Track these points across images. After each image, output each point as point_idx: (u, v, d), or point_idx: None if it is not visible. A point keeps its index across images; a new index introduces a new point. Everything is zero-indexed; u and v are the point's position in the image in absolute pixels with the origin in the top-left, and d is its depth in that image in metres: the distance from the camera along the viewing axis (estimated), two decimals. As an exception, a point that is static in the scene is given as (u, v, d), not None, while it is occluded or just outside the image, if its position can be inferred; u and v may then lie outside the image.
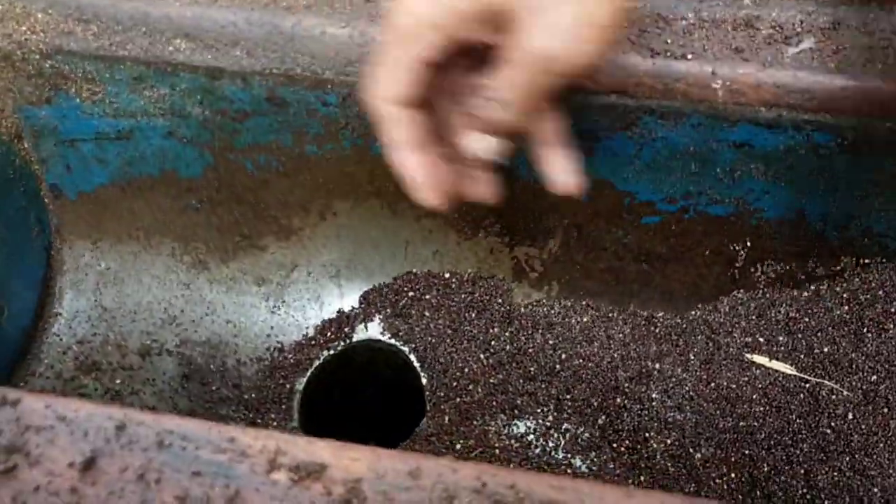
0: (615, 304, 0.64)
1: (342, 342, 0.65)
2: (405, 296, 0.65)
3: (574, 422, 0.61)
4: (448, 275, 0.65)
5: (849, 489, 0.55)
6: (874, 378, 0.57)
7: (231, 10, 0.54)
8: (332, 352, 0.65)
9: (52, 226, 0.66)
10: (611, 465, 0.60)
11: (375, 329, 0.65)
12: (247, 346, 0.66)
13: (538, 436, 0.61)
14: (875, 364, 0.57)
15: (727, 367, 0.60)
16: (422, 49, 0.41)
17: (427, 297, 0.65)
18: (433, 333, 0.64)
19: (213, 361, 0.65)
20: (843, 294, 0.59)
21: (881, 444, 0.55)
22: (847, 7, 0.51)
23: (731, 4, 0.52)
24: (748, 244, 0.60)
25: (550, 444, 0.61)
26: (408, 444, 0.61)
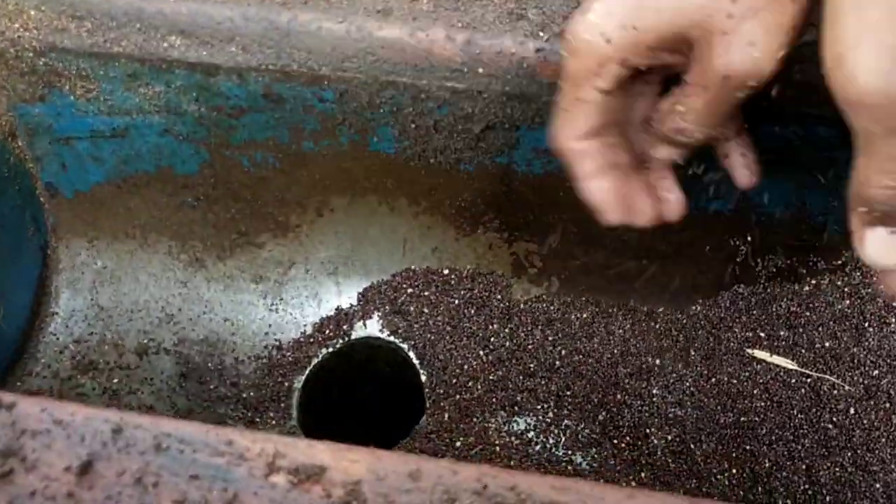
0: (615, 300, 0.64)
1: (340, 340, 0.65)
2: (404, 293, 0.65)
3: (574, 418, 0.61)
4: (447, 271, 0.65)
5: (850, 485, 0.55)
6: (876, 373, 0.57)
7: (227, 6, 0.54)
8: (331, 349, 0.65)
9: (48, 224, 0.65)
10: (611, 462, 0.59)
11: (374, 326, 0.65)
12: (245, 345, 0.65)
13: (538, 432, 0.61)
14: (877, 359, 0.57)
15: (728, 363, 0.60)
16: (602, 83, 0.41)
17: (426, 294, 0.65)
18: (432, 330, 0.64)
19: (211, 360, 0.65)
20: (845, 288, 0.59)
21: (883, 440, 0.55)
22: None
23: None
24: (749, 239, 0.59)
25: (551, 441, 0.61)
26: (407, 442, 0.60)
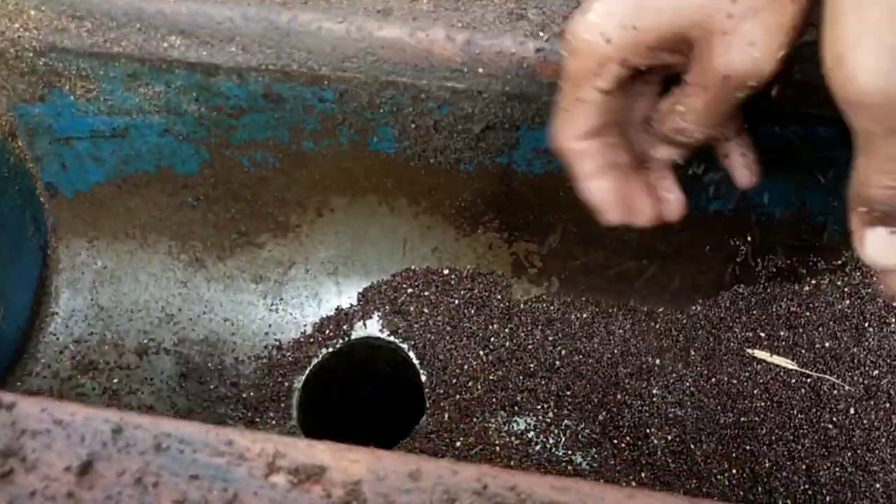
0: (615, 300, 0.64)
1: (341, 340, 0.65)
2: (404, 293, 0.65)
3: (574, 418, 0.61)
4: (447, 271, 0.65)
5: (851, 485, 0.55)
6: (876, 373, 0.57)
7: (226, 6, 0.54)
8: (331, 349, 0.65)
9: (48, 224, 0.65)
10: (611, 462, 0.59)
11: (374, 326, 0.65)
12: (245, 345, 0.65)
13: (538, 433, 0.61)
14: (877, 359, 0.57)
15: (728, 363, 0.60)
16: (602, 83, 0.41)
17: (426, 294, 0.64)
18: (432, 330, 0.64)
19: (211, 360, 0.65)
20: (845, 288, 0.59)
21: (883, 440, 0.55)
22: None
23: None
24: (749, 239, 0.59)
25: (551, 441, 0.61)
26: (407, 442, 0.60)
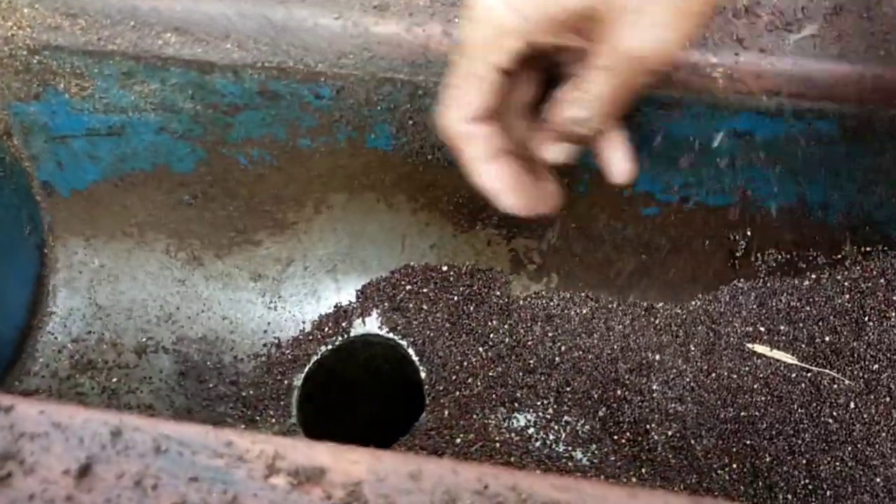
0: (614, 296, 0.63)
1: (340, 337, 0.65)
2: (403, 289, 0.64)
3: (574, 414, 0.61)
4: (446, 268, 0.65)
5: (851, 479, 0.54)
6: (876, 367, 0.57)
7: (221, 3, 0.53)
8: (330, 347, 0.65)
9: (45, 223, 0.65)
10: (612, 458, 0.59)
11: (373, 323, 0.65)
12: (243, 343, 0.65)
13: (538, 429, 0.61)
14: (877, 353, 0.57)
15: (728, 358, 0.60)
16: (501, 58, 0.39)
17: (425, 291, 0.64)
18: (431, 327, 0.63)
19: (210, 358, 0.64)
20: (845, 283, 0.59)
21: (883, 434, 0.55)
22: (848, -8, 0.51)
23: (731, -9, 0.51)
24: (748, 234, 0.59)
25: (551, 437, 0.60)
26: (407, 439, 0.60)
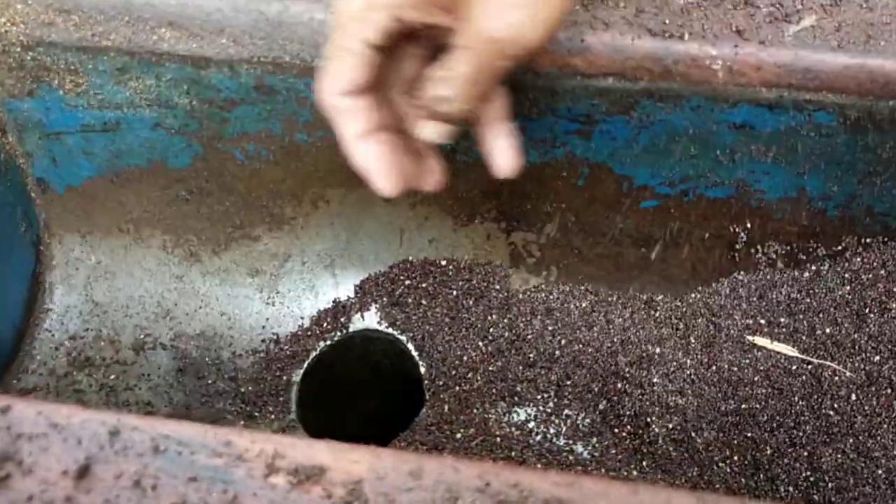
0: (614, 289, 0.63)
1: (339, 332, 0.64)
2: (401, 284, 0.64)
3: (575, 408, 0.61)
4: (444, 262, 0.64)
5: (853, 471, 0.54)
6: (877, 359, 0.57)
7: (216, -3, 0.53)
8: (329, 342, 0.64)
9: (41, 220, 0.65)
10: (612, 451, 0.59)
11: (372, 318, 0.64)
12: (242, 339, 0.65)
13: (539, 423, 0.61)
14: (878, 344, 0.57)
15: (728, 350, 0.60)
16: (370, 32, 0.40)
17: (423, 285, 0.64)
18: (431, 322, 0.63)
19: (209, 354, 0.64)
20: (845, 274, 0.59)
21: (885, 426, 0.55)
22: (848, -18, 0.50)
23: (730, -18, 0.51)
24: (748, 226, 0.59)
25: (551, 431, 0.60)
26: (407, 435, 0.60)
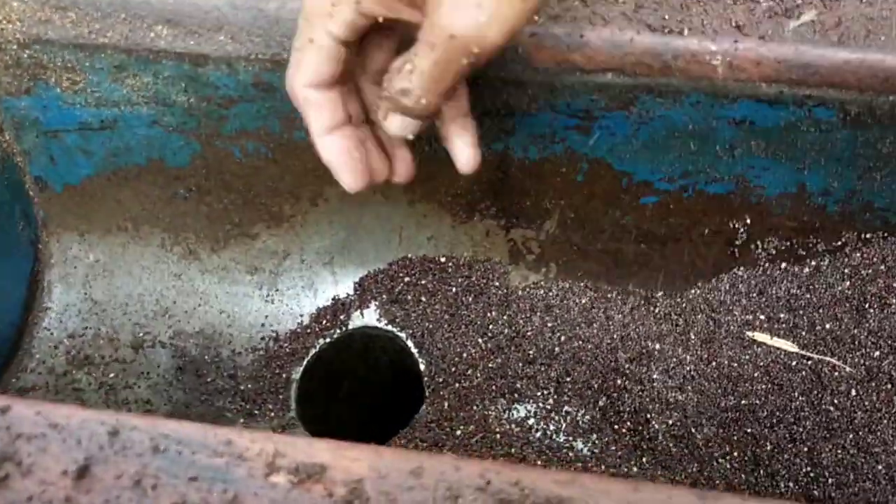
0: (614, 285, 0.63)
1: (338, 330, 0.64)
2: (401, 281, 0.64)
3: (574, 404, 0.61)
4: (444, 259, 0.64)
5: (853, 467, 0.54)
6: (877, 354, 0.57)
7: (213, -6, 0.52)
8: (329, 340, 0.64)
9: (39, 219, 0.64)
10: (612, 447, 0.59)
11: (371, 316, 0.64)
12: (241, 336, 0.65)
13: (539, 419, 0.61)
14: (878, 340, 0.57)
15: (728, 346, 0.60)
16: (337, 28, 0.40)
17: (423, 283, 0.64)
18: (430, 319, 0.63)
19: (208, 352, 0.64)
20: (845, 269, 0.59)
21: (885, 421, 0.55)
22: (848, -23, 0.50)
23: (729, -23, 0.50)
24: (748, 221, 0.59)
25: (551, 428, 0.60)
26: (407, 432, 0.60)
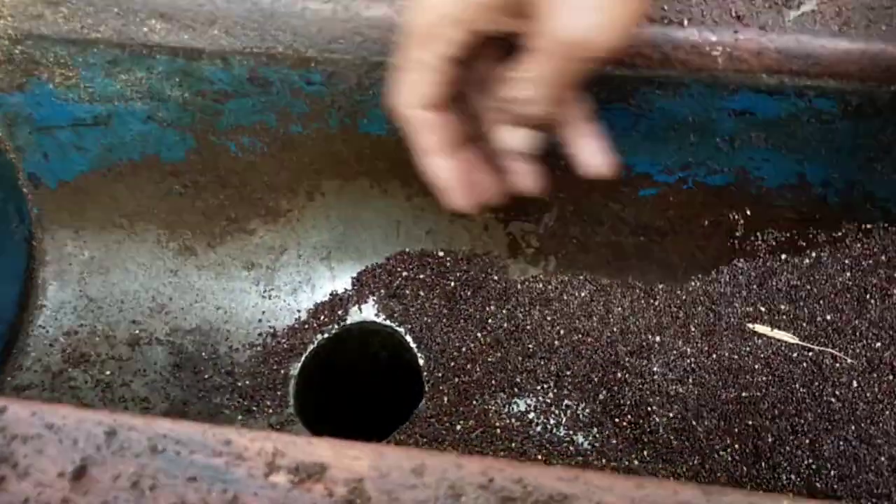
0: (613, 278, 0.63)
1: (336, 325, 0.64)
2: (399, 276, 0.64)
3: (575, 398, 0.60)
4: (442, 253, 0.64)
5: (855, 458, 0.54)
6: (878, 345, 0.56)
7: (207, -13, 0.52)
8: (327, 335, 0.64)
9: (32, 216, 0.64)
10: (613, 441, 0.59)
11: (370, 311, 0.64)
12: (239, 333, 0.64)
13: (539, 413, 0.60)
14: (879, 331, 0.57)
15: (728, 338, 0.60)
16: (445, 47, 0.39)
17: (421, 277, 0.63)
18: (429, 313, 0.63)
19: (205, 349, 0.64)
20: (845, 260, 0.58)
21: (887, 412, 0.55)
22: (848, -34, 0.50)
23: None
24: (748, 213, 0.58)
25: (552, 422, 0.60)
26: (407, 427, 0.60)
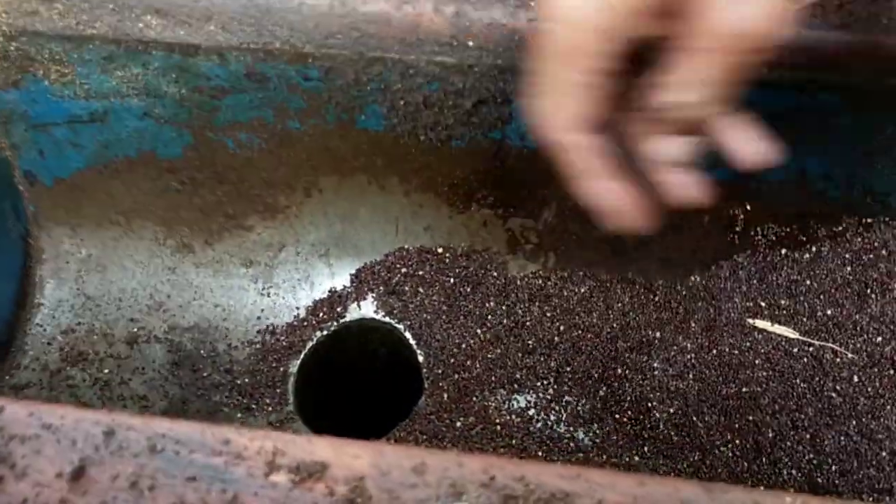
0: (613, 274, 0.62)
1: (335, 322, 0.64)
2: (398, 273, 0.63)
3: (575, 394, 0.60)
4: (441, 249, 0.64)
5: (856, 453, 0.54)
6: (879, 339, 0.56)
7: (203, -18, 0.51)
8: (326, 332, 0.64)
9: (29, 213, 0.64)
10: (613, 437, 0.59)
11: (369, 308, 0.64)
12: (237, 330, 0.64)
13: (539, 409, 0.60)
14: (879, 325, 0.56)
15: (729, 333, 0.59)
16: (594, 61, 0.36)
17: (420, 273, 0.63)
18: (428, 310, 0.63)
19: (204, 347, 0.63)
20: (846, 255, 0.58)
21: (888, 407, 0.55)
22: (849, -42, 0.49)
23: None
24: (748, 207, 0.58)
25: (552, 418, 0.60)
26: (407, 424, 0.59)
